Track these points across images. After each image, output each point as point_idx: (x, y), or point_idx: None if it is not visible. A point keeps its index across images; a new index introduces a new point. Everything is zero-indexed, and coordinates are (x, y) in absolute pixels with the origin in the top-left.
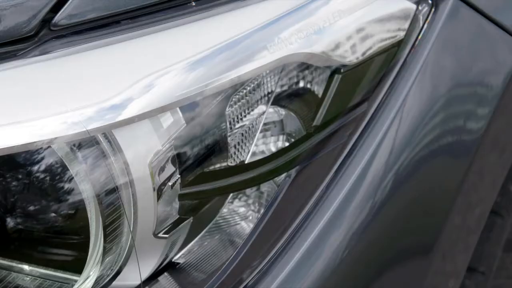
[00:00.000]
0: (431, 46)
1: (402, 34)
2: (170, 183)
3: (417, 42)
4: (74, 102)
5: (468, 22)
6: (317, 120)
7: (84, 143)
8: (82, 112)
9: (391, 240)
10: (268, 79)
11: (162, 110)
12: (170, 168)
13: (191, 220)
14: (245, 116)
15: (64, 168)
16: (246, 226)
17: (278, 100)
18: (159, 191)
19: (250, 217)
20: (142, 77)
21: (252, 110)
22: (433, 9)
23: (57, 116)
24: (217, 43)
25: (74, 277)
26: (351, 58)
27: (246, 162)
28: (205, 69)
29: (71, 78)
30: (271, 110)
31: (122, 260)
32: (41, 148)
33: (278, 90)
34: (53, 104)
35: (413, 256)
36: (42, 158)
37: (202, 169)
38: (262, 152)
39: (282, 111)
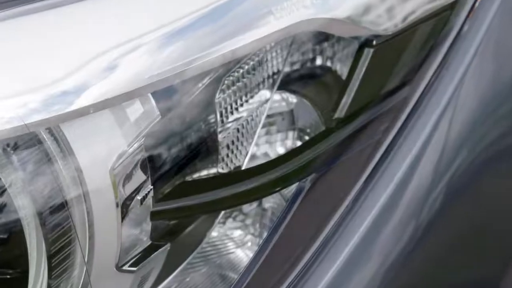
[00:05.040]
0: (497, 9)
1: None
2: (139, 197)
3: (477, 4)
4: (7, 86)
5: None
6: (341, 111)
7: (22, 142)
8: (19, 100)
9: (441, 274)
10: (274, 54)
11: (128, 97)
12: (139, 177)
13: (168, 248)
14: (241, 105)
15: None
16: (244, 256)
17: (287, 84)
18: (125, 208)
19: (249, 244)
20: (102, 52)
21: (252, 97)
22: None
23: None
24: (204, 6)
25: None
26: (387, 25)
27: (243, 168)
28: (187, 41)
29: (2, 53)
30: (277, 97)
31: None
32: None
33: (287, 69)
34: None
35: None
36: None
37: (182, 177)
38: (265, 154)
39: (293, 99)
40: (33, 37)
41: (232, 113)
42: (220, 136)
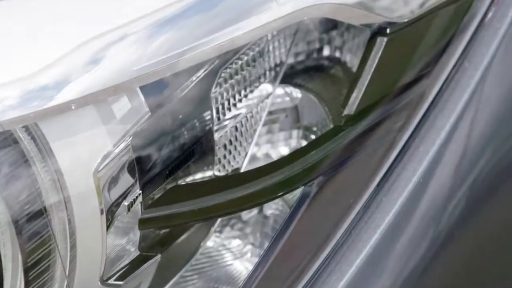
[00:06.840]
0: None
1: None
2: (126, 203)
3: None
4: None
5: None
6: (350, 107)
7: None
8: None
9: None
10: (276, 44)
11: (114, 91)
12: (126, 180)
13: (158, 259)
14: (240, 101)
15: None
16: (243, 268)
17: (291, 77)
18: (110, 215)
19: (248, 255)
20: (84, 42)
21: (252, 92)
22: None
23: None
24: None
25: None
26: (403, 12)
27: (242, 170)
28: (180, 30)
29: None
30: (280, 91)
31: None
32: None
33: (291, 61)
34: None
35: None
36: None
37: (174, 181)
38: (266, 155)
39: (297, 93)
40: (8, 25)
41: (229, 109)
42: (216, 135)
